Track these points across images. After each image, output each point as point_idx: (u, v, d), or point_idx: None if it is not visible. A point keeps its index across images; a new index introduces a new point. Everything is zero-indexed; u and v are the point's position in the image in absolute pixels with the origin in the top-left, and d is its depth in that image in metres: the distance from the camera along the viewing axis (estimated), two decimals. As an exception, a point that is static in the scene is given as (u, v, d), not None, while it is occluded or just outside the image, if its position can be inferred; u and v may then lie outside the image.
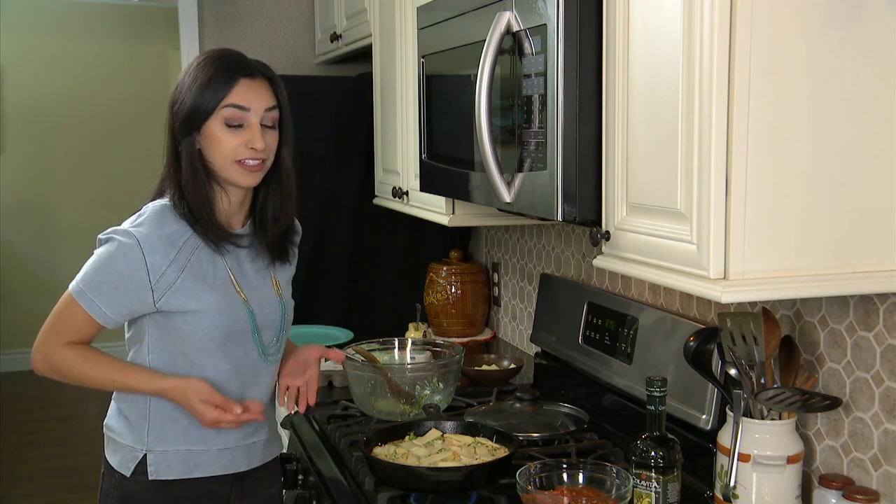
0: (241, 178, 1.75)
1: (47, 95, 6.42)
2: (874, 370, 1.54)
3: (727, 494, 1.57)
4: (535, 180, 1.65)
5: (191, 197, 1.75)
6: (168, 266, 1.73)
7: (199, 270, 1.76)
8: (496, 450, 1.84)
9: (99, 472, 1.87)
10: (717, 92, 1.28)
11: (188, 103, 1.73)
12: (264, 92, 1.76)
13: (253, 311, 1.82)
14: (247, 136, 1.73)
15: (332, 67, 3.74)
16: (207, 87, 1.72)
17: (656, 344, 2.02)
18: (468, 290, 3.04)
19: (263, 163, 1.76)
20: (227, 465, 1.85)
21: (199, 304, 1.75)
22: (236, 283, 1.80)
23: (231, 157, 1.73)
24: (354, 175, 3.19)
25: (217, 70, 1.73)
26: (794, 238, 1.33)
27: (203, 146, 1.75)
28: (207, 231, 1.76)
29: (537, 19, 1.61)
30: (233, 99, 1.72)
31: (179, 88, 1.76)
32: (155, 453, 1.80)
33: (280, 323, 1.89)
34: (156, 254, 1.72)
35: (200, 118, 1.73)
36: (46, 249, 6.53)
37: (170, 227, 1.75)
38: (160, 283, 1.72)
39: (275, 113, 1.78)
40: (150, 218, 1.75)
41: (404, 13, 2.54)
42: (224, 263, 1.80)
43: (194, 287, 1.75)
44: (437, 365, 2.23)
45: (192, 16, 3.71)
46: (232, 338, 1.80)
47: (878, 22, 1.32)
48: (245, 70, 1.75)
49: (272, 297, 1.87)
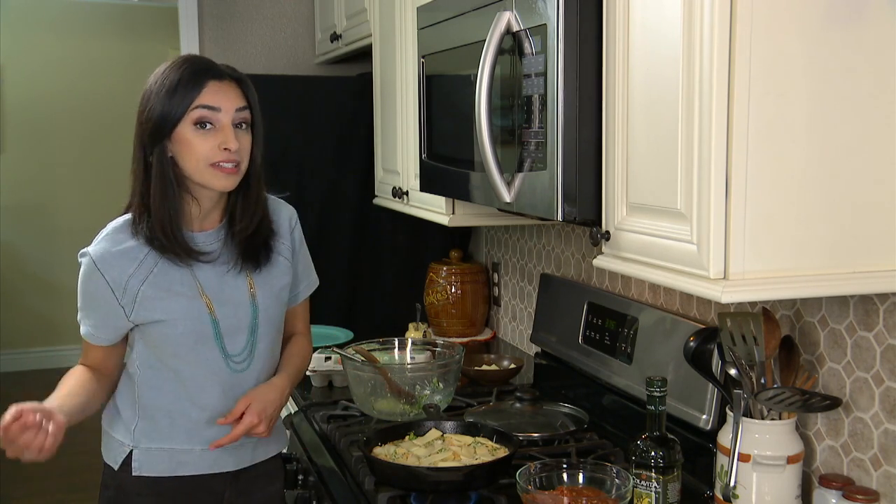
0: (217, 181, 1.73)
1: (47, 95, 6.42)
2: (874, 370, 1.54)
3: (727, 494, 1.57)
4: (535, 180, 1.65)
5: (156, 210, 1.72)
6: (128, 280, 1.74)
7: (163, 280, 1.76)
8: (496, 450, 1.84)
9: (98, 472, 1.91)
10: (717, 92, 1.28)
11: (157, 110, 1.70)
12: (233, 93, 1.74)
13: (217, 320, 1.79)
14: (219, 137, 1.71)
15: (332, 67, 3.74)
16: (175, 92, 1.69)
17: (656, 344, 2.02)
18: (468, 290, 3.04)
19: (238, 165, 1.73)
20: (212, 465, 1.85)
21: (163, 314, 1.76)
22: (203, 291, 1.79)
23: (205, 161, 1.70)
24: (354, 175, 3.19)
25: (184, 74, 1.71)
26: (793, 238, 1.33)
27: (175, 153, 1.72)
28: (170, 248, 1.74)
29: (537, 19, 1.61)
30: (202, 100, 1.70)
31: (146, 97, 1.73)
32: (140, 450, 1.82)
33: (251, 327, 1.84)
34: (113, 271, 1.73)
35: (170, 124, 1.70)
36: (46, 249, 6.53)
37: (128, 242, 1.75)
38: (125, 298, 1.74)
39: (246, 113, 1.75)
40: (107, 235, 1.77)
41: (404, 13, 2.54)
42: (190, 271, 1.78)
43: (157, 296, 1.75)
44: (437, 365, 2.23)
45: (192, 16, 3.71)
46: (201, 343, 1.79)
47: (877, 22, 1.32)
48: (212, 72, 1.73)
49: (244, 300, 1.83)
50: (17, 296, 6.45)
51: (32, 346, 6.47)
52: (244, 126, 1.75)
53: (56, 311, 6.48)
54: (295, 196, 2.83)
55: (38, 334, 6.49)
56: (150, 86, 1.74)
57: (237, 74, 1.78)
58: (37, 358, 6.42)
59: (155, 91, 1.72)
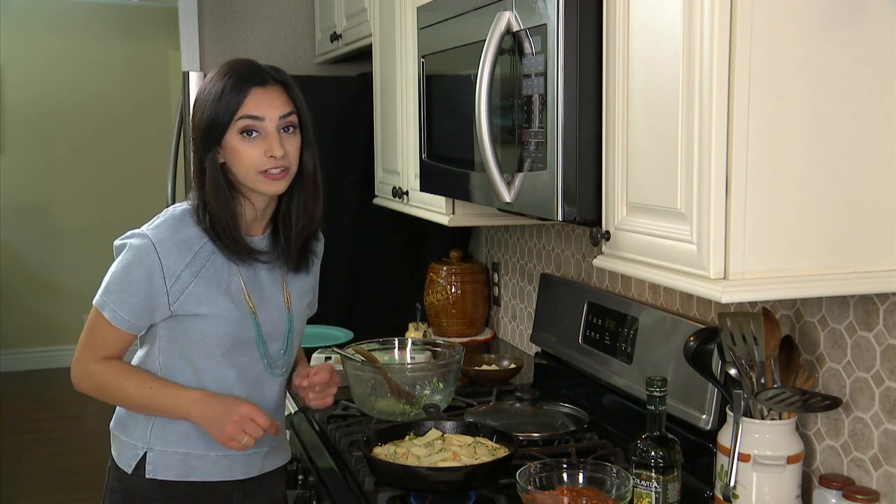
0: (267, 186, 1.75)
1: (47, 95, 6.42)
2: (874, 370, 1.54)
3: (727, 494, 1.57)
4: (535, 180, 1.65)
5: (215, 212, 1.75)
6: (183, 270, 1.73)
7: (213, 276, 1.77)
8: (496, 450, 1.84)
9: (99, 472, 1.89)
10: (717, 92, 1.28)
11: (205, 118, 1.73)
12: (278, 99, 1.75)
13: (259, 323, 1.82)
14: (265, 144, 1.72)
15: (332, 67, 3.74)
16: (220, 101, 1.72)
17: (656, 344, 2.02)
18: (468, 290, 3.04)
19: (287, 170, 1.75)
20: (224, 472, 1.85)
21: (209, 309, 1.75)
22: (247, 293, 1.80)
23: (254, 168, 1.73)
24: (354, 175, 3.19)
25: (228, 82, 1.73)
26: (794, 238, 1.33)
27: (226, 159, 1.75)
28: (230, 246, 1.76)
29: (537, 19, 1.61)
30: (246, 110, 1.71)
31: (197, 104, 1.77)
32: (155, 452, 1.81)
33: (286, 335, 1.88)
34: (171, 257, 1.73)
35: (218, 132, 1.73)
36: (46, 249, 6.53)
37: (187, 231, 1.76)
38: (175, 287, 1.73)
39: (292, 118, 1.77)
40: (167, 221, 1.77)
41: (404, 13, 2.54)
42: (238, 271, 1.80)
43: (207, 292, 1.75)
44: (437, 365, 2.23)
45: (192, 16, 3.71)
46: (238, 346, 1.80)
47: (877, 22, 1.32)
48: (256, 79, 1.74)
49: (282, 308, 1.86)
50: (17, 296, 6.45)
51: (32, 346, 6.47)
52: (291, 129, 1.77)
53: (56, 311, 6.48)
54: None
55: (38, 334, 6.49)
56: (200, 93, 1.77)
57: (282, 77, 1.78)
58: (37, 358, 6.42)
59: (203, 99, 1.75)
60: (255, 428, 1.74)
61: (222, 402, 1.76)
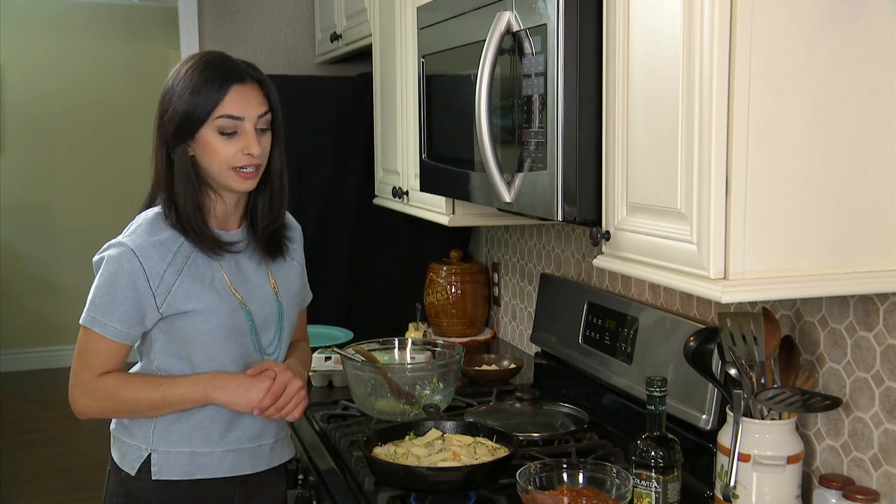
0: (238, 184, 1.76)
1: (47, 95, 6.42)
2: (874, 370, 1.54)
3: (727, 494, 1.57)
4: (535, 180, 1.65)
5: (182, 206, 1.75)
6: (166, 269, 1.73)
7: (196, 273, 1.77)
8: (496, 450, 1.84)
9: (99, 472, 1.88)
10: (717, 92, 1.28)
11: (180, 111, 1.71)
12: (256, 97, 1.75)
13: (251, 312, 1.82)
14: (242, 142, 1.72)
15: (332, 67, 3.74)
16: (199, 95, 1.70)
17: (656, 344, 2.02)
18: (468, 290, 3.04)
19: (258, 168, 1.77)
20: (231, 468, 1.85)
21: (198, 304, 1.75)
22: (232, 286, 1.81)
23: (227, 164, 1.73)
24: (354, 175, 3.19)
25: (207, 77, 1.71)
26: (793, 238, 1.33)
27: (197, 153, 1.74)
28: (199, 240, 1.76)
29: (537, 19, 1.61)
30: (226, 109, 1.71)
31: (169, 96, 1.74)
32: (159, 453, 1.81)
33: (277, 321, 1.89)
34: (152, 259, 1.73)
35: (193, 126, 1.71)
36: (46, 249, 6.53)
37: (163, 232, 1.76)
38: (160, 288, 1.73)
39: (268, 117, 1.77)
40: (142, 226, 1.77)
41: (404, 13, 2.54)
42: (220, 266, 1.80)
43: (193, 288, 1.75)
44: (437, 365, 2.23)
45: (192, 16, 3.71)
46: (233, 338, 1.80)
47: (877, 22, 1.32)
48: (236, 76, 1.73)
49: (270, 296, 1.87)
50: (17, 296, 6.45)
51: (32, 346, 6.47)
52: (265, 128, 1.77)
53: (56, 311, 6.48)
54: (294, 196, 2.82)
55: (38, 334, 6.49)
56: (173, 84, 1.74)
57: (258, 75, 1.78)
58: (37, 358, 6.42)
59: (178, 91, 1.72)
60: (294, 398, 1.77)
61: (235, 374, 1.78)
